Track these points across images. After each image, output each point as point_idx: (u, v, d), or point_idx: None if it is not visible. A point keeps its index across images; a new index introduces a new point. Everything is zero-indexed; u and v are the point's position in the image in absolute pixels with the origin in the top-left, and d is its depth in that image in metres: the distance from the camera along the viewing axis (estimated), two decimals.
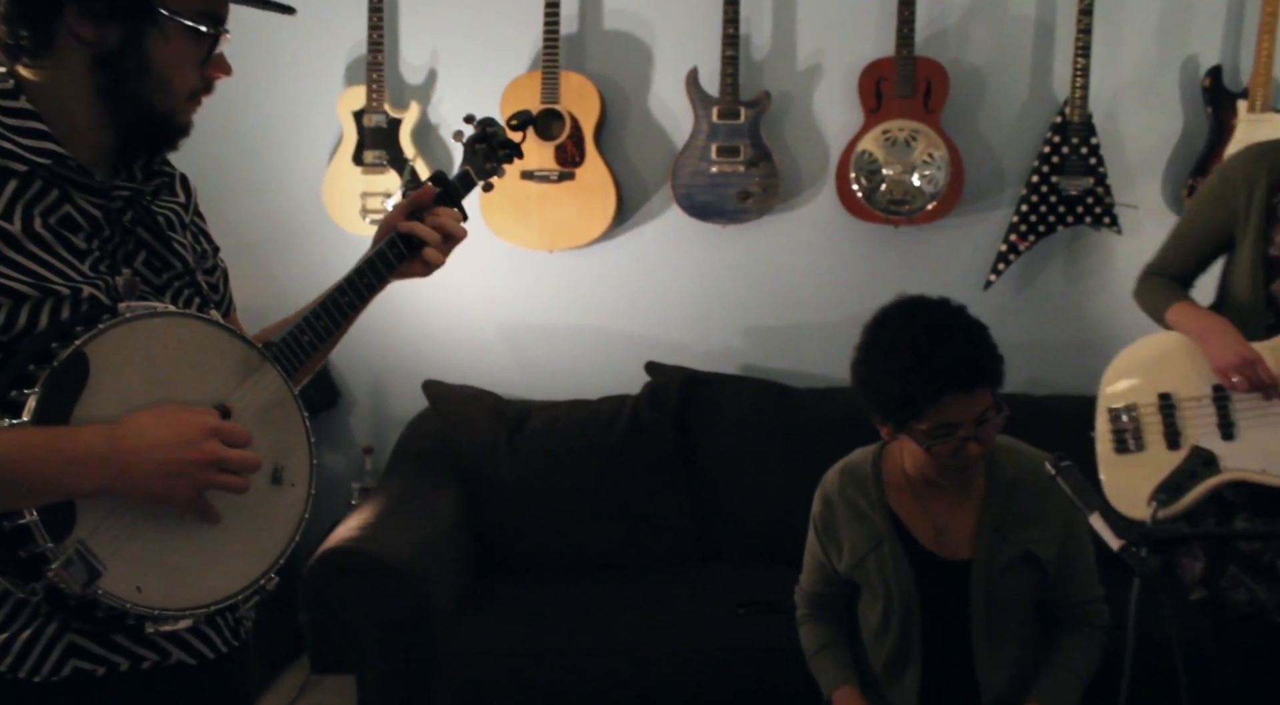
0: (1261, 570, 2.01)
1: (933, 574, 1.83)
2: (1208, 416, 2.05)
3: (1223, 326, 2.01)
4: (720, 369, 3.15)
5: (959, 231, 3.16)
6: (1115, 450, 2.14)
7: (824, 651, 1.93)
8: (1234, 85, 3.01)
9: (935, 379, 1.65)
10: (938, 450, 1.70)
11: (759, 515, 2.84)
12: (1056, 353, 3.18)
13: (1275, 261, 1.99)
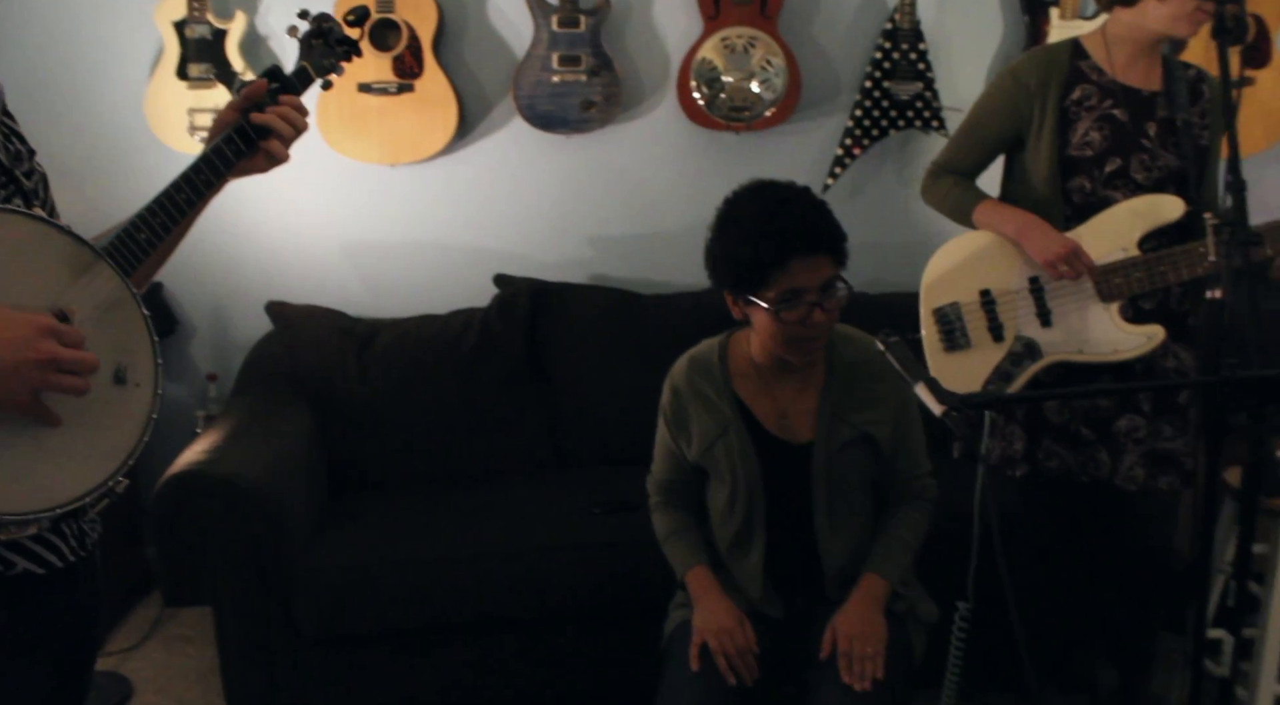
0: (1068, 437, 2.19)
1: (776, 457, 1.92)
2: (1026, 307, 2.19)
3: (1038, 222, 2.13)
4: (569, 279, 3.17)
5: (797, 137, 3.24)
6: (945, 349, 2.26)
7: (676, 535, 2.01)
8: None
9: (781, 242, 1.72)
10: (786, 318, 1.76)
11: (611, 419, 2.90)
12: (893, 253, 3.32)
13: (1071, 160, 2.13)
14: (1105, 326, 2.12)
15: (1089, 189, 2.14)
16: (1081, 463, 2.19)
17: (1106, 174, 2.12)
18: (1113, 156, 2.11)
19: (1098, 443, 2.18)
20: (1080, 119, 2.13)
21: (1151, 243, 2.11)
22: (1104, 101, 2.12)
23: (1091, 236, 2.11)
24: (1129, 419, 2.16)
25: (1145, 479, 2.16)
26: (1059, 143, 2.14)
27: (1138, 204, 2.09)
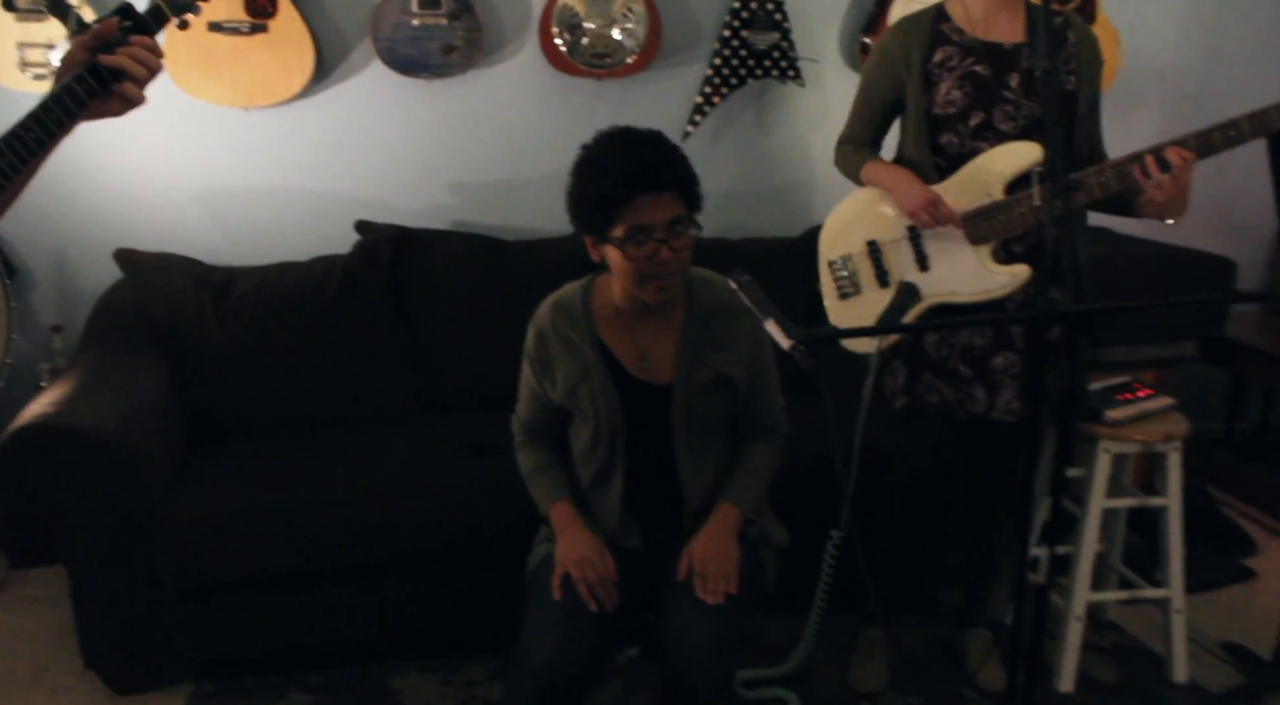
0: (947, 374, 2.32)
1: (638, 398, 1.99)
2: (907, 254, 2.31)
3: (906, 175, 2.26)
4: (432, 225, 3.16)
5: (658, 84, 3.28)
6: (840, 298, 2.39)
7: (539, 472, 2.07)
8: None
9: (627, 179, 1.79)
10: (633, 254, 1.82)
11: (476, 364, 2.92)
12: (750, 199, 3.42)
13: (937, 119, 2.25)
14: (976, 268, 2.24)
15: (958, 143, 2.25)
16: (959, 399, 2.32)
17: (972, 128, 2.23)
18: (975, 111, 2.22)
19: (975, 380, 2.31)
20: (943, 80, 2.24)
21: (1024, 186, 2.19)
22: (965, 60, 2.22)
23: (960, 186, 2.23)
24: (1005, 356, 2.29)
25: (1022, 410, 2.29)
26: (925, 104, 2.25)
27: (997, 153, 2.20)
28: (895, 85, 2.30)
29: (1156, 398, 2.51)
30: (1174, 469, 2.48)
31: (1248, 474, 3.58)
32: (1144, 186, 2.03)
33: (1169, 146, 2.01)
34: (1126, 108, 3.62)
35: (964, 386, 2.31)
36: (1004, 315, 2.26)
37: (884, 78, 2.32)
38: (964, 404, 2.32)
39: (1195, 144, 2.00)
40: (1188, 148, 1.99)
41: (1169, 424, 2.46)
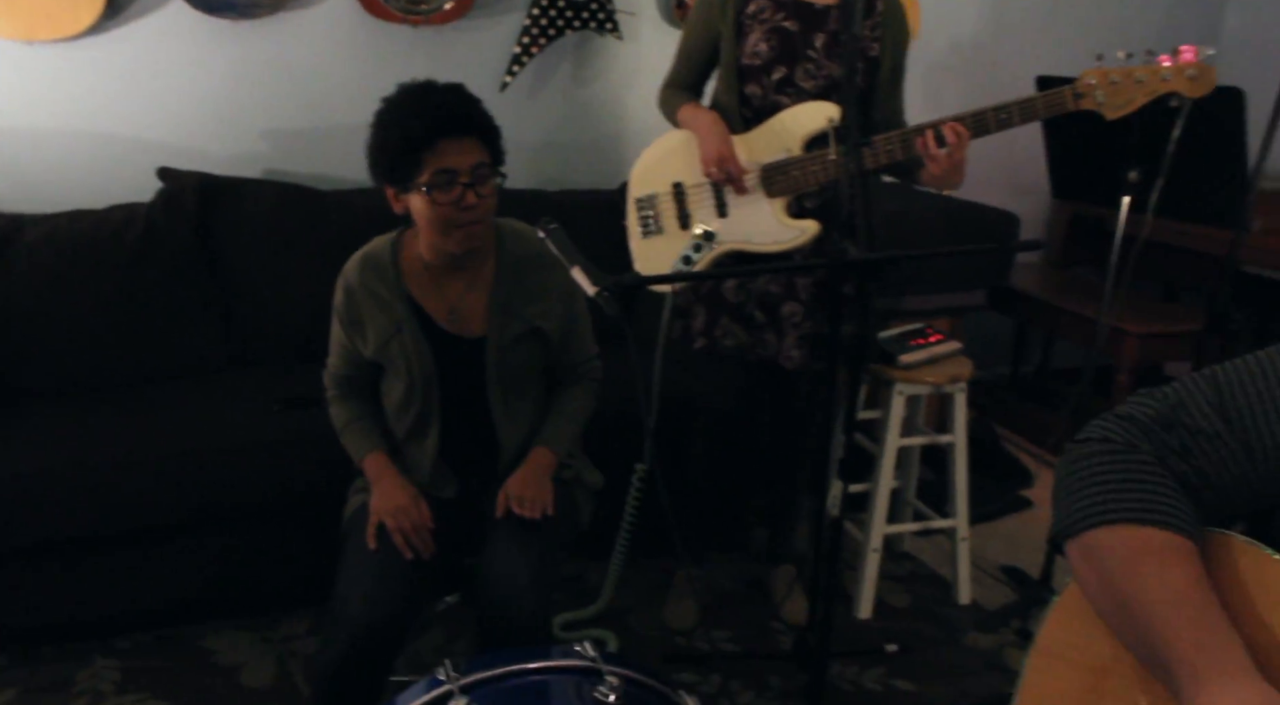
0: (744, 319, 2.42)
1: (450, 352, 2.00)
2: (708, 199, 2.38)
3: (713, 125, 2.31)
4: (241, 174, 3.05)
5: (476, 33, 3.25)
6: (643, 235, 2.45)
7: (354, 423, 2.06)
8: None
9: (430, 123, 1.79)
10: (439, 199, 1.82)
11: (289, 317, 2.86)
12: (568, 151, 3.44)
13: (746, 68, 2.32)
14: (769, 220, 2.33)
15: (761, 95, 2.32)
16: (753, 343, 2.43)
17: (775, 81, 2.30)
18: (779, 65, 2.29)
19: (768, 325, 2.41)
20: (753, 30, 2.30)
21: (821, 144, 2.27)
22: (776, 14, 2.29)
23: (762, 138, 2.31)
24: (790, 305, 2.39)
25: (801, 359, 2.41)
26: (735, 52, 2.32)
27: (798, 110, 2.29)
28: (713, 32, 2.36)
29: (946, 342, 2.70)
30: (960, 408, 2.68)
31: (1027, 413, 3.90)
32: (927, 157, 2.16)
33: (948, 123, 2.13)
34: (926, 74, 3.82)
35: (757, 331, 2.42)
36: (801, 263, 2.36)
37: (703, 24, 2.37)
38: (755, 347, 2.42)
39: (971, 123, 2.13)
40: (964, 125, 2.13)
41: (956, 367, 2.65)
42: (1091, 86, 2.05)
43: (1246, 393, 1.06)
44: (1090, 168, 2.61)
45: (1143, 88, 2.02)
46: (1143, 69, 2.02)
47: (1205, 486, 1.07)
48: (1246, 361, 1.09)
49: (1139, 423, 1.10)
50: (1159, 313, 3.58)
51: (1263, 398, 1.05)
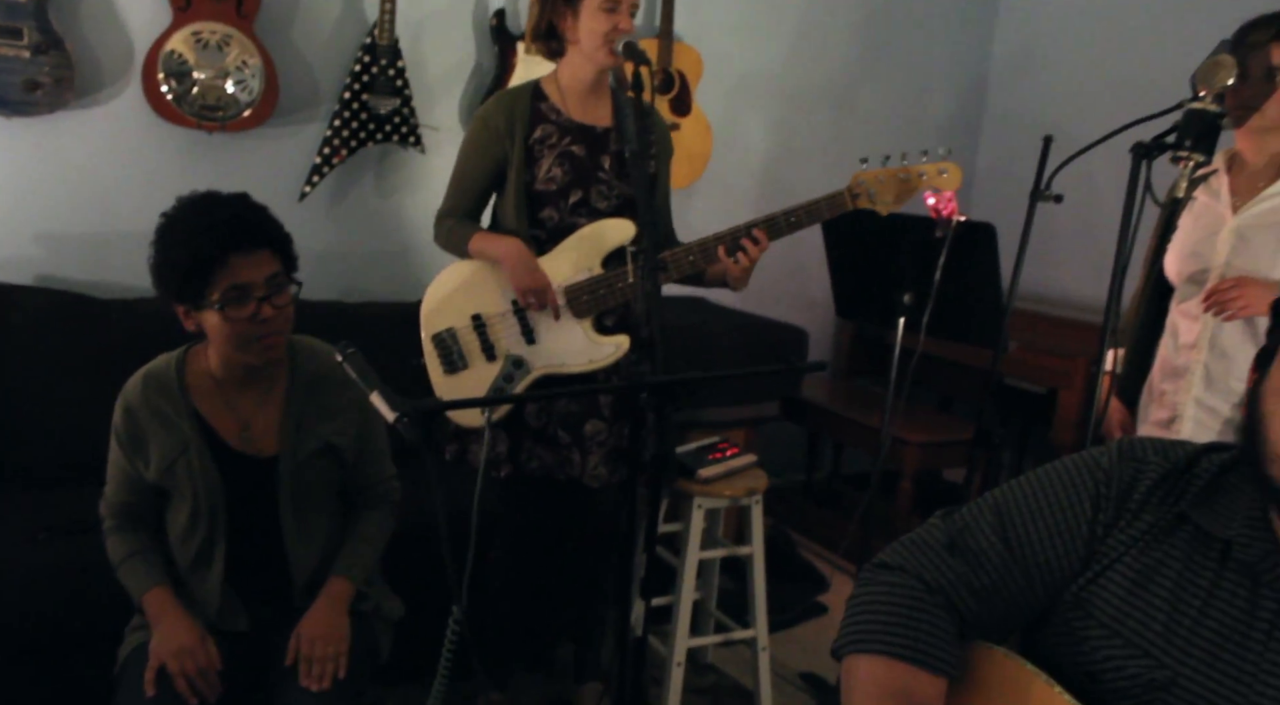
0: (547, 440, 2.41)
1: (240, 472, 1.90)
2: (513, 327, 2.37)
3: (520, 251, 2.30)
4: (13, 279, 2.85)
5: (275, 142, 3.20)
6: (445, 372, 2.39)
7: (132, 558, 1.91)
8: (515, 28, 3.43)
9: (220, 238, 1.74)
10: (233, 315, 1.76)
11: (63, 433, 2.66)
12: (369, 263, 3.40)
13: (538, 194, 2.35)
14: (580, 340, 2.35)
15: (558, 218, 2.36)
16: (559, 463, 2.42)
17: (571, 204, 2.35)
18: (575, 189, 2.35)
19: (572, 445, 2.41)
20: (544, 156, 2.34)
21: (618, 260, 2.34)
22: (563, 139, 2.35)
23: (562, 259, 2.34)
24: (593, 423, 2.41)
25: (607, 476, 2.42)
26: (527, 179, 2.35)
27: (594, 229, 2.34)
28: (494, 158, 2.36)
29: (742, 455, 2.79)
30: (756, 520, 2.76)
31: (821, 518, 4.06)
32: (726, 263, 2.27)
33: (748, 227, 2.26)
34: (720, 191, 4.03)
35: (563, 451, 2.41)
36: (599, 386, 2.40)
37: (482, 150, 2.37)
38: (563, 467, 2.42)
39: (765, 225, 2.27)
40: (760, 229, 2.26)
41: (752, 479, 2.74)
42: (864, 187, 2.25)
43: (1023, 515, 1.17)
44: (868, 291, 2.80)
45: (906, 185, 2.24)
46: (903, 170, 2.24)
47: (985, 607, 1.16)
48: (1027, 481, 1.20)
49: (930, 548, 1.19)
50: (935, 423, 3.83)
51: (1037, 519, 1.16)
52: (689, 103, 3.73)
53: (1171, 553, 1.10)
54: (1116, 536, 1.13)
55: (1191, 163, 1.88)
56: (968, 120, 4.69)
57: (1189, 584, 1.08)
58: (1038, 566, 1.15)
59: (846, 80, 4.32)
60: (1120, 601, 1.11)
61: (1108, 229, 2.70)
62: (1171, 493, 1.13)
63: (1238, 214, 2.24)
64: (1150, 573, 1.10)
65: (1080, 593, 1.13)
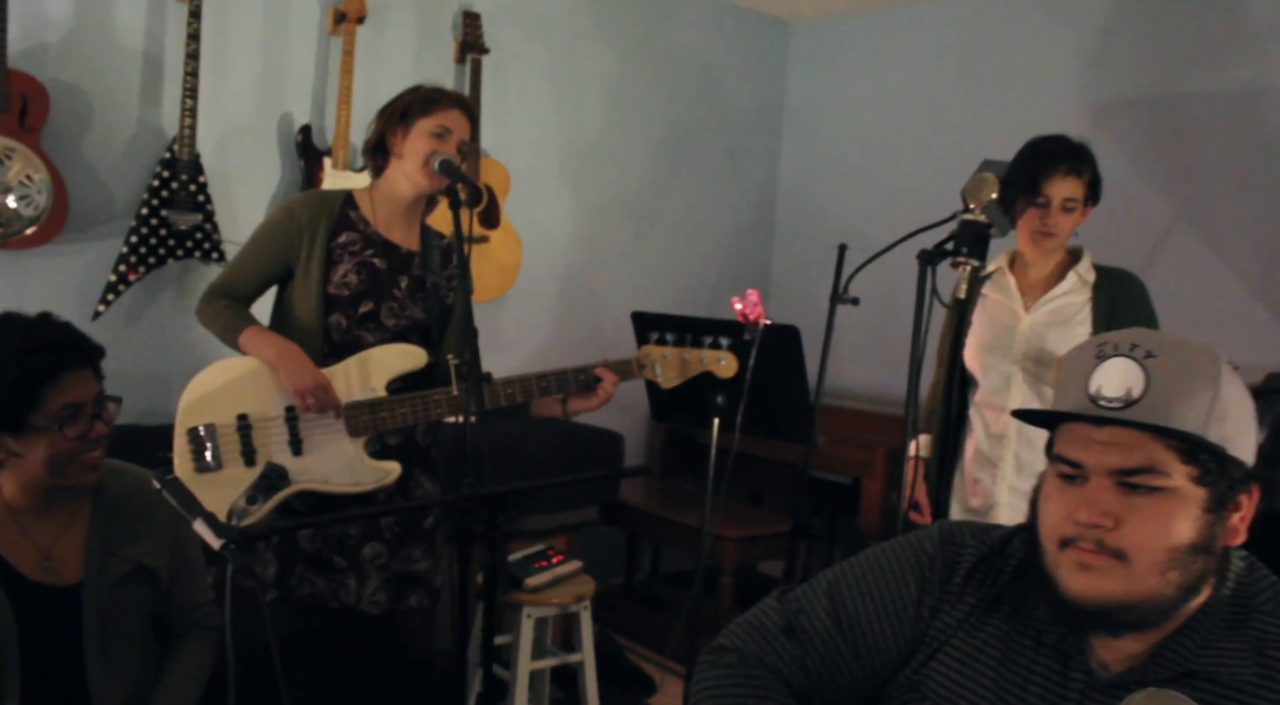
0: (321, 565, 2.31)
1: (38, 604, 1.76)
2: (280, 434, 2.27)
3: (297, 352, 2.25)
4: None
5: (65, 259, 3.04)
6: (195, 470, 2.25)
7: None
8: (321, 143, 3.43)
9: (50, 357, 1.68)
10: (70, 433, 1.70)
11: None
12: (169, 382, 3.24)
13: (332, 298, 2.31)
14: (350, 459, 2.27)
15: (344, 327, 2.32)
16: (333, 589, 2.31)
17: (360, 315, 2.32)
18: (366, 299, 2.33)
19: (348, 569, 2.31)
20: (343, 261, 2.32)
21: (397, 384, 2.32)
22: (366, 249, 2.35)
23: (345, 375, 2.29)
24: (372, 546, 2.33)
25: (387, 603, 2.33)
26: (322, 279, 2.31)
27: (388, 351, 2.31)
28: (290, 250, 2.32)
29: (567, 562, 2.80)
30: (586, 625, 2.76)
31: (644, 620, 4.07)
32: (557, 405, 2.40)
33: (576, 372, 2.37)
34: (529, 301, 4.10)
35: (337, 576, 2.31)
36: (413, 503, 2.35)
37: (281, 239, 2.32)
38: (337, 593, 2.31)
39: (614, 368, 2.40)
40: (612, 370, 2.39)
41: (579, 586, 2.74)
42: (650, 359, 2.42)
43: (854, 597, 1.23)
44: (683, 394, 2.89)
45: (688, 366, 2.43)
46: (690, 351, 2.43)
47: (818, 688, 1.21)
48: (857, 563, 1.27)
49: (765, 631, 1.24)
50: (750, 518, 3.95)
51: (867, 601, 1.22)
52: (497, 216, 3.80)
53: (994, 634, 1.18)
54: (943, 619, 1.20)
55: (969, 267, 2.08)
56: (762, 230, 4.99)
57: (1010, 664, 1.16)
58: (868, 647, 1.21)
59: (647, 195, 4.52)
60: (951, 683, 1.18)
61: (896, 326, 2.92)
62: (989, 575, 1.21)
63: (1030, 312, 2.49)
64: (976, 654, 1.18)
65: (913, 676, 1.20)
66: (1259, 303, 3.37)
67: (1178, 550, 1.05)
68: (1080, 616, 1.09)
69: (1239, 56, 3.52)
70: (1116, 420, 1.05)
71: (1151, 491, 1.05)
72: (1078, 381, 1.09)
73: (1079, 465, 1.08)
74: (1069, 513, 1.08)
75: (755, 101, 4.88)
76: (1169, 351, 1.07)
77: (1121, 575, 1.05)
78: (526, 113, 4.06)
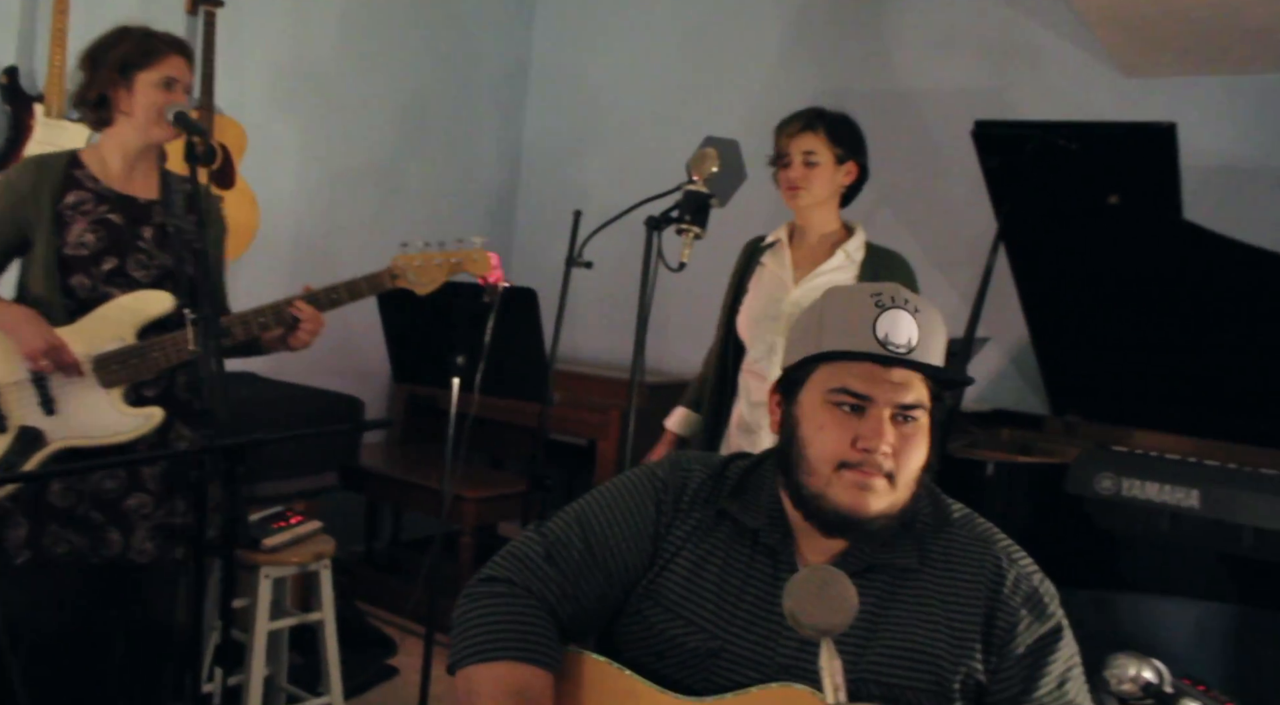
0: (76, 521, 2.25)
1: None
2: (29, 397, 2.20)
3: (27, 316, 2.18)
4: None
5: None
6: None
7: None
8: (31, 88, 3.19)
9: None
10: None
11: None
12: None
13: (68, 259, 2.24)
14: (107, 411, 2.23)
15: (90, 285, 2.25)
16: (93, 544, 2.26)
17: (105, 272, 2.26)
18: (108, 256, 2.26)
19: (109, 524, 2.27)
20: (75, 221, 2.25)
21: (155, 332, 2.28)
22: (99, 206, 2.27)
23: (91, 328, 2.23)
24: (137, 497, 2.29)
25: (155, 552, 2.30)
26: (56, 243, 2.24)
27: (134, 298, 2.26)
28: (22, 223, 2.26)
29: (307, 523, 2.79)
30: (326, 585, 2.77)
31: (385, 585, 4.09)
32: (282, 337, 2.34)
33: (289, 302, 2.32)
34: (267, 263, 3.99)
35: (96, 531, 2.28)
36: (156, 454, 2.30)
37: (11, 214, 2.26)
38: (98, 549, 2.28)
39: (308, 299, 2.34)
40: (302, 302, 2.33)
41: (319, 545, 2.75)
42: (403, 269, 2.41)
43: (601, 523, 1.38)
44: (424, 354, 2.95)
45: (442, 268, 2.44)
46: (440, 254, 2.44)
47: (576, 610, 1.35)
48: (601, 494, 1.42)
49: (529, 560, 1.36)
50: (491, 479, 4.05)
51: (613, 526, 1.38)
52: (232, 176, 3.68)
53: (717, 543, 1.36)
54: (675, 533, 1.37)
55: (691, 233, 2.26)
56: (507, 196, 5.07)
57: (731, 568, 1.35)
58: (617, 565, 1.36)
59: (391, 158, 4.49)
60: (681, 588, 1.35)
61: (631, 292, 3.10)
62: (713, 494, 1.39)
63: (798, 284, 2.62)
64: (702, 561, 1.35)
65: (650, 585, 1.36)
66: (945, 279, 3.82)
67: (919, 471, 1.30)
68: (845, 526, 1.28)
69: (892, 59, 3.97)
70: (904, 362, 1.26)
71: (913, 422, 1.28)
72: (862, 326, 1.27)
73: (867, 398, 1.27)
74: (849, 439, 1.26)
75: (502, 65, 4.95)
76: (924, 308, 1.30)
77: (889, 492, 1.27)
78: (263, 70, 3.94)
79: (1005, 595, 1.29)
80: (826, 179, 2.60)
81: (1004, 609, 1.28)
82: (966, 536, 1.35)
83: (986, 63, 3.88)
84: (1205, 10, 2.89)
